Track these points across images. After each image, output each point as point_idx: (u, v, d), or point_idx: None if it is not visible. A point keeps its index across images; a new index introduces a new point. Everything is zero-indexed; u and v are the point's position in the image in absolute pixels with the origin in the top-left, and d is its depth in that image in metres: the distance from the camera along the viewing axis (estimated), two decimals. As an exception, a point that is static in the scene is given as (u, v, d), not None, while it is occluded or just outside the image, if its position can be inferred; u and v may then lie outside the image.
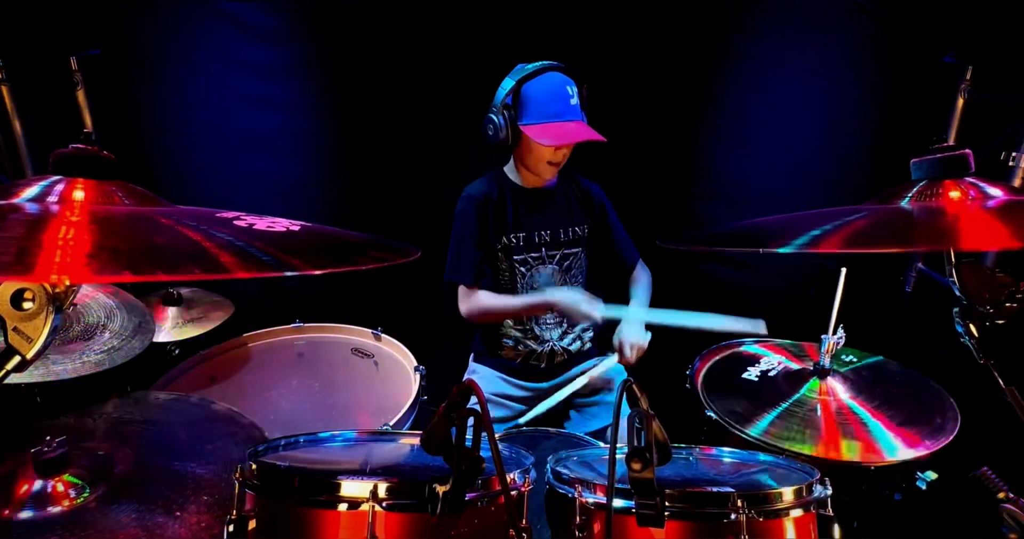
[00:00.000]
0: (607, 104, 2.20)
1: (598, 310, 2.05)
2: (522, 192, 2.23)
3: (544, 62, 2.05)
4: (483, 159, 2.31)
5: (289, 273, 0.79)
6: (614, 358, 2.15)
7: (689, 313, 1.97)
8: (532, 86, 2.03)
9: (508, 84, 2.04)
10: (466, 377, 2.42)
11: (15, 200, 0.89)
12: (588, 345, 2.37)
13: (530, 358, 2.30)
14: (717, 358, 2.11)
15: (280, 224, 0.95)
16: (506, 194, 2.21)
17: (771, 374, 1.99)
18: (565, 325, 2.30)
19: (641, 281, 2.34)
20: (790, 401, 1.84)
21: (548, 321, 2.28)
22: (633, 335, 2.09)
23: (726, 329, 1.95)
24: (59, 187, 0.92)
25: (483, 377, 2.35)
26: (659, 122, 2.94)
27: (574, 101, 2.06)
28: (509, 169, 2.27)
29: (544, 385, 2.32)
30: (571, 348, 2.32)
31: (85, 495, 1.34)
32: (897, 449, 1.66)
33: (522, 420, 2.12)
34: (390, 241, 1.00)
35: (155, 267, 0.74)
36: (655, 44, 2.87)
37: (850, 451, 1.65)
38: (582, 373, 2.30)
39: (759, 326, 1.92)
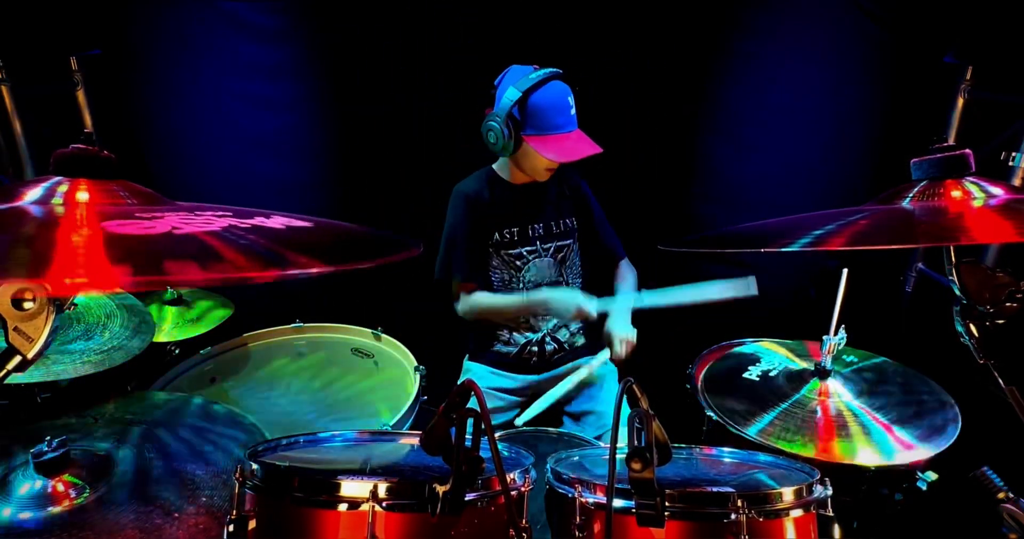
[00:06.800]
0: (607, 104, 2.20)
1: (592, 306, 2.08)
2: (513, 188, 2.25)
3: (547, 70, 2.04)
4: (483, 157, 2.31)
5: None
6: (606, 353, 2.16)
7: (677, 289, 1.99)
8: (538, 97, 2.01)
9: (514, 94, 2.00)
10: (461, 379, 2.42)
11: (19, 202, 0.89)
12: (580, 338, 2.38)
13: (523, 351, 2.31)
14: (718, 357, 2.11)
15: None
16: (497, 191, 2.24)
17: (772, 374, 1.99)
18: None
19: (627, 277, 2.37)
20: (790, 401, 1.83)
21: (544, 314, 2.29)
22: (620, 329, 2.10)
23: (720, 297, 1.96)
24: (63, 189, 0.92)
25: (476, 375, 2.36)
26: (658, 122, 2.93)
27: (573, 111, 2.08)
28: (500, 166, 2.29)
29: (536, 377, 2.33)
30: (560, 337, 2.33)
31: (85, 495, 1.34)
32: (894, 452, 1.65)
33: (518, 422, 2.10)
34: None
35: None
36: (654, 44, 2.87)
37: (846, 453, 1.64)
38: (575, 369, 2.30)
39: (751, 286, 1.94)
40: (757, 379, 1.96)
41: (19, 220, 0.83)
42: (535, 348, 2.32)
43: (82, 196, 0.92)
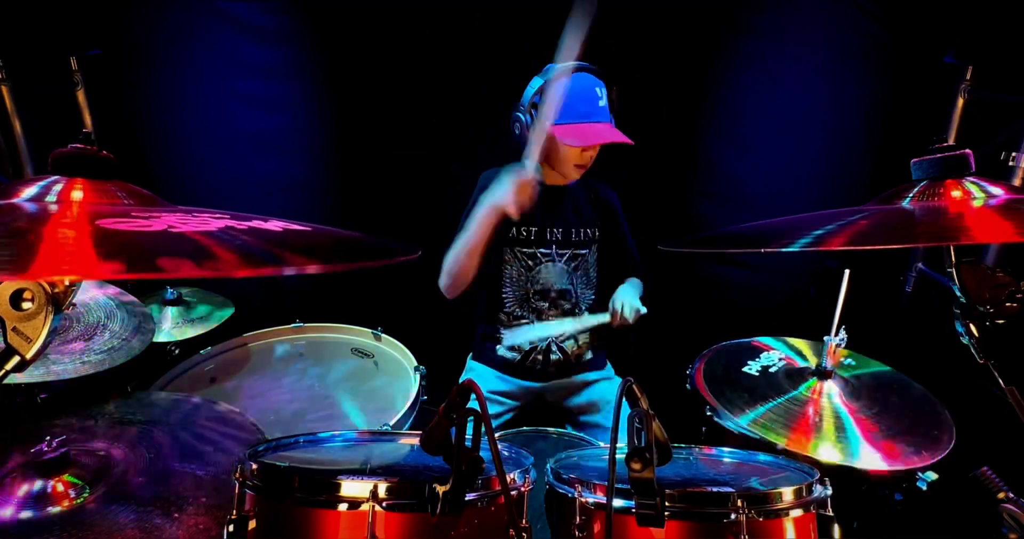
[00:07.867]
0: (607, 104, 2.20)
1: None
2: (540, 188, 2.22)
3: (575, 62, 1.99)
4: (485, 160, 2.30)
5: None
6: (606, 316, 2.15)
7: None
8: (560, 85, 1.98)
9: (537, 82, 2.00)
10: (463, 376, 2.42)
11: (14, 200, 0.89)
12: (588, 353, 2.35)
13: (527, 358, 2.30)
14: (718, 352, 2.12)
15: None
16: None
17: (772, 370, 2.00)
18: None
19: (635, 281, 2.35)
20: (785, 397, 1.86)
21: (549, 319, 2.28)
22: (633, 299, 2.12)
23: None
24: (58, 187, 0.92)
25: (479, 375, 2.35)
26: (660, 122, 2.93)
27: (602, 103, 2.04)
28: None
29: (541, 385, 2.32)
30: (566, 347, 2.31)
31: (85, 495, 1.34)
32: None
33: (513, 341, 2.20)
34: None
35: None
36: (655, 44, 2.87)
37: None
38: (581, 383, 2.32)
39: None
40: (756, 374, 1.98)
41: (10, 215, 0.83)
42: (540, 357, 2.30)
43: (76, 194, 0.92)
